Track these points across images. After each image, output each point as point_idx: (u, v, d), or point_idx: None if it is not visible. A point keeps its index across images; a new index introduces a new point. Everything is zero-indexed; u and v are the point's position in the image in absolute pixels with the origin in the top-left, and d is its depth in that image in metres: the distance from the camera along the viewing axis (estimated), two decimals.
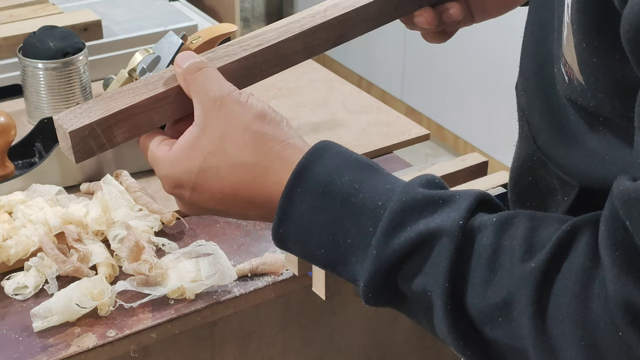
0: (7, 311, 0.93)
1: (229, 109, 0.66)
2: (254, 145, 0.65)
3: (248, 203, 0.66)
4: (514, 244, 0.59)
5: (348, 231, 0.62)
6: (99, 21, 1.55)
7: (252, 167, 0.65)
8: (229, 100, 0.66)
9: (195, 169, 0.66)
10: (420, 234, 0.60)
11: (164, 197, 1.11)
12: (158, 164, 0.69)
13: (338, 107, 1.36)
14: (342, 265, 0.64)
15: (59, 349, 0.88)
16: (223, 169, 0.66)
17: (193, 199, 0.68)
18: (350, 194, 0.63)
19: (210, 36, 1.15)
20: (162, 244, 1.02)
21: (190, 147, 0.67)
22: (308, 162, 0.64)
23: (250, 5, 4.10)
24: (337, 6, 0.77)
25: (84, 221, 1.01)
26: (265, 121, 0.66)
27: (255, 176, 0.65)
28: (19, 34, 1.45)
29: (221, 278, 0.96)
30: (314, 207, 0.63)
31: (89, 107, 0.69)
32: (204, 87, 0.67)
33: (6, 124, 1.08)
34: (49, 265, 0.96)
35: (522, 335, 0.57)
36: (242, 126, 0.66)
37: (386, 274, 0.61)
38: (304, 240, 0.64)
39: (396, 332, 1.17)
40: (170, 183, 0.68)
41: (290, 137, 0.66)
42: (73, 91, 1.26)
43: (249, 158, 0.65)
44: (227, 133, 0.66)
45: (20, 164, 1.15)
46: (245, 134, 0.65)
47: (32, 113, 1.27)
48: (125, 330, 0.91)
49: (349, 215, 0.62)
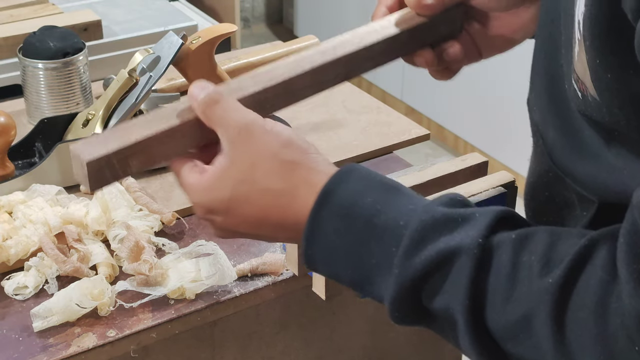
0: (7, 311, 0.93)
1: (256, 138, 0.68)
2: (281, 173, 0.67)
3: (278, 226, 0.69)
4: (532, 259, 0.60)
5: (372, 251, 0.64)
6: (99, 21, 1.55)
7: (280, 193, 0.67)
8: (255, 128, 0.68)
9: (226, 197, 0.68)
10: (440, 253, 0.61)
11: (164, 197, 1.11)
12: (189, 190, 0.71)
13: (338, 107, 1.36)
14: (369, 285, 0.65)
15: (59, 349, 0.88)
16: (253, 196, 0.68)
17: (225, 224, 0.70)
18: (373, 215, 0.64)
19: (210, 36, 1.15)
20: (162, 244, 1.02)
21: (219, 177, 0.68)
22: (333, 185, 0.66)
23: (250, 5, 4.10)
24: (345, 44, 0.79)
25: (84, 221, 1.01)
26: (292, 148, 0.68)
27: (283, 202, 0.67)
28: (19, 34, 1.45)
29: (221, 278, 0.96)
30: (339, 229, 0.65)
31: (105, 138, 0.70)
32: (226, 119, 0.68)
33: (6, 124, 1.08)
34: (49, 265, 0.96)
35: (543, 351, 0.58)
36: (270, 154, 0.67)
37: (409, 292, 0.63)
38: (330, 262, 0.66)
39: (396, 332, 1.17)
40: (202, 209, 0.70)
41: (316, 164, 0.68)
42: (73, 91, 1.26)
43: (277, 185, 0.67)
44: (255, 162, 0.67)
45: (20, 164, 1.15)
46: (273, 162, 0.67)
47: (32, 113, 1.27)
48: (125, 330, 0.91)
49: (372, 236, 0.64)
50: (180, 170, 0.72)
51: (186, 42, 1.14)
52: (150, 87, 1.13)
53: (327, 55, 0.78)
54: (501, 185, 1.04)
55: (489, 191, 1.03)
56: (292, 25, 3.92)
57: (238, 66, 1.45)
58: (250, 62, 1.46)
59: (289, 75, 0.75)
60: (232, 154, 0.68)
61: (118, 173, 0.70)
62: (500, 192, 1.03)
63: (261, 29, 4.14)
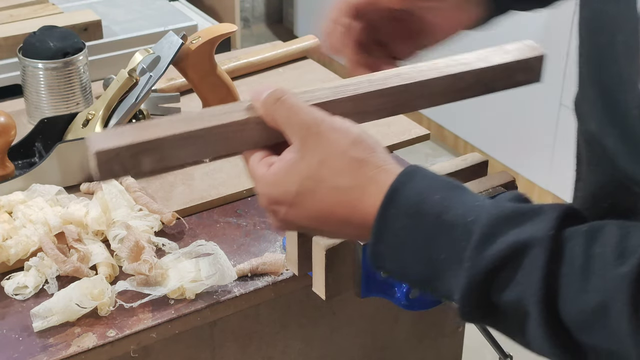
0: (7, 311, 0.93)
1: (326, 135, 0.69)
2: (350, 171, 0.68)
3: (343, 223, 0.69)
4: (606, 250, 0.60)
5: (441, 247, 0.65)
6: (99, 21, 1.55)
7: (348, 190, 0.68)
8: (325, 126, 0.69)
9: (292, 191, 0.69)
10: (512, 245, 0.62)
11: (164, 197, 1.11)
12: (256, 180, 0.72)
13: None
14: (438, 280, 0.66)
15: (59, 349, 0.88)
16: (320, 192, 0.69)
17: (288, 216, 0.71)
18: (441, 212, 0.65)
19: (210, 36, 1.15)
20: (162, 244, 1.02)
21: (287, 171, 0.70)
22: (400, 184, 0.67)
23: (250, 5, 4.10)
24: (398, 76, 0.77)
25: (84, 221, 1.01)
26: (361, 146, 0.69)
27: (351, 199, 0.68)
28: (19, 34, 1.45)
29: (221, 278, 0.96)
30: (408, 226, 0.66)
31: (122, 132, 0.70)
32: (295, 116, 0.70)
33: (6, 124, 1.08)
34: (49, 265, 0.96)
35: (621, 338, 0.59)
36: (340, 152, 0.68)
37: (480, 286, 0.63)
38: (398, 259, 0.67)
39: (396, 332, 1.17)
40: (267, 200, 0.71)
41: (384, 163, 0.69)
42: (73, 91, 1.26)
43: (346, 182, 0.68)
44: (325, 159, 0.69)
45: (20, 164, 1.15)
46: (342, 160, 0.68)
47: (32, 113, 1.27)
48: (125, 330, 0.91)
49: (441, 232, 0.65)
50: (249, 159, 0.73)
51: (186, 42, 1.14)
52: (150, 87, 1.13)
53: (374, 85, 0.77)
54: (501, 185, 1.04)
55: (489, 191, 1.03)
56: (292, 25, 3.92)
57: (238, 66, 1.45)
58: (250, 62, 1.46)
59: (328, 99, 0.75)
60: (302, 150, 0.69)
61: (127, 168, 0.70)
62: (500, 192, 1.03)
63: (261, 29, 4.14)
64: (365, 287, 0.89)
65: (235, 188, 1.14)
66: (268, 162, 0.72)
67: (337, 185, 0.68)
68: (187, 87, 1.36)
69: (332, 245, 0.87)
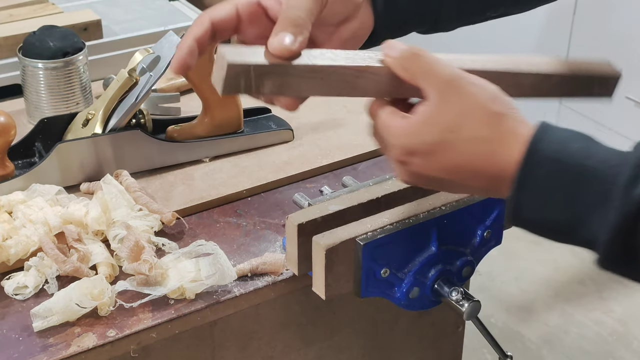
0: (7, 311, 0.93)
1: (465, 89, 0.71)
2: (490, 122, 0.70)
3: (477, 174, 0.71)
4: None
5: (587, 191, 0.66)
6: (99, 21, 1.55)
7: (488, 141, 0.70)
8: (462, 80, 0.72)
9: (430, 140, 0.71)
10: None
11: (163, 197, 1.11)
12: (390, 131, 0.74)
13: (338, 107, 1.36)
14: (582, 226, 0.67)
15: (59, 348, 0.88)
16: (459, 143, 0.71)
17: (421, 167, 0.73)
18: (584, 158, 0.67)
19: None
20: (162, 244, 1.02)
21: (425, 121, 0.71)
22: (540, 133, 0.69)
23: None
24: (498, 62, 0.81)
25: (84, 221, 1.01)
26: (500, 101, 0.72)
27: (490, 149, 0.70)
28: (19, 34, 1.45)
29: (221, 278, 0.96)
30: (551, 173, 0.68)
31: (255, 51, 0.74)
32: (433, 71, 0.72)
33: (6, 124, 1.08)
34: (49, 265, 0.96)
35: None
36: (478, 105, 0.71)
37: (630, 225, 0.64)
38: (541, 206, 0.68)
39: (396, 332, 1.17)
40: (401, 150, 0.73)
41: (521, 117, 0.72)
42: (73, 91, 1.26)
43: (484, 133, 0.70)
44: (465, 111, 0.71)
45: (20, 163, 1.15)
46: (482, 112, 0.71)
47: (32, 113, 1.27)
48: (125, 330, 0.91)
49: (586, 177, 0.67)
50: (378, 111, 0.75)
51: None
52: (150, 87, 1.13)
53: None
54: None
55: None
56: None
57: None
58: None
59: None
60: (440, 102, 0.71)
61: (251, 86, 0.73)
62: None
63: None
64: (365, 287, 0.89)
65: (235, 188, 1.14)
66: (400, 115, 0.73)
67: (476, 136, 0.70)
68: (187, 87, 1.36)
69: (332, 245, 0.87)
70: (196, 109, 1.24)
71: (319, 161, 1.21)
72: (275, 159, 1.21)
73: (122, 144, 1.14)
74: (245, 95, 0.75)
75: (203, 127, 1.20)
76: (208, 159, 1.20)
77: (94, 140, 1.13)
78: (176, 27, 1.59)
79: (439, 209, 0.92)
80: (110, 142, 1.13)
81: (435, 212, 0.91)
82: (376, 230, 0.88)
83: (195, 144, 1.19)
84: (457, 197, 0.93)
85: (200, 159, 1.20)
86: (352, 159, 1.23)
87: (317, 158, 1.21)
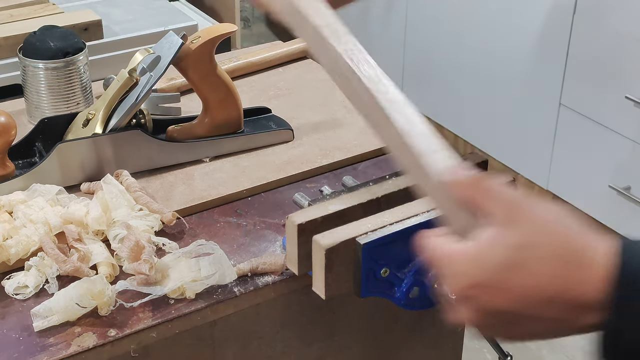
0: (8, 311, 0.94)
1: (532, 207, 0.65)
2: (564, 241, 0.63)
3: (552, 301, 0.63)
4: None
5: None
6: (99, 21, 1.56)
7: (564, 260, 0.62)
8: (529, 201, 0.66)
9: (498, 261, 0.63)
10: None
11: (164, 197, 1.11)
12: (453, 259, 0.66)
13: (338, 107, 1.36)
14: None
15: (59, 348, 0.88)
16: (531, 262, 0.63)
17: (490, 302, 0.64)
18: None
19: (210, 36, 1.15)
20: (162, 244, 1.02)
21: (492, 243, 0.64)
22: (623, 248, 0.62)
23: (250, 5, 4.10)
24: None
25: (84, 221, 1.01)
26: (569, 220, 0.65)
27: (567, 269, 0.62)
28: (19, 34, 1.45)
29: (221, 278, 0.96)
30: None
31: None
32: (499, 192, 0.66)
33: (6, 124, 1.08)
34: (49, 264, 0.96)
35: None
36: (551, 220, 0.64)
37: None
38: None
39: (396, 332, 1.17)
40: (467, 282, 0.65)
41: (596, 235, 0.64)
42: (73, 91, 1.26)
43: (560, 251, 0.63)
44: (534, 229, 0.64)
45: (21, 163, 1.15)
46: (554, 230, 0.64)
47: (33, 113, 1.27)
48: (125, 330, 0.91)
49: None
50: (433, 239, 0.67)
51: (186, 42, 1.14)
52: (151, 87, 1.13)
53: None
54: None
55: None
56: None
57: (238, 66, 1.45)
58: (250, 62, 1.47)
59: None
60: (507, 221, 0.64)
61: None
62: None
63: (261, 29, 4.14)
64: (365, 287, 0.89)
65: (235, 188, 1.14)
66: (455, 239, 0.66)
67: (551, 254, 0.62)
68: (187, 87, 1.36)
69: (332, 245, 0.87)
70: (196, 109, 1.24)
71: (319, 161, 1.21)
72: (275, 159, 1.21)
73: (122, 144, 1.14)
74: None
75: (203, 127, 1.20)
76: (208, 159, 1.21)
77: (94, 140, 1.13)
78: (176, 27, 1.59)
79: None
80: (110, 142, 1.13)
81: (435, 211, 0.91)
82: (376, 230, 0.88)
83: (195, 144, 1.19)
84: None
85: (201, 159, 1.20)
86: (352, 159, 1.23)
87: (317, 158, 1.21)
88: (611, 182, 2.40)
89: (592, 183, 2.49)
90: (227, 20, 3.03)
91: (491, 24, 2.69)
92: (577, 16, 2.37)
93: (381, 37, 3.27)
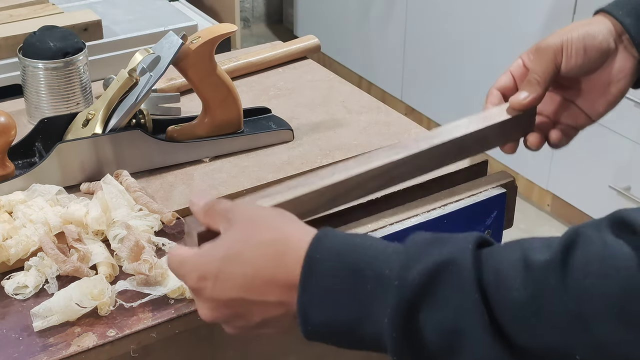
0: (7, 311, 0.94)
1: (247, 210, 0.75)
2: (275, 227, 0.72)
3: (269, 284, 0.71)
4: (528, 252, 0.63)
5: (366, 278, 0.67)
6: (99, 21, 1.56)
7: (272, 242, 0.71)
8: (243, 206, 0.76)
9: (219, 256, 0.72)
10: (437, 263, 0.65)
11: (163, 197, 1.11)
12: (182, 260, 0.75)
13: (338, 107, 1.36)
14: (367, 316, 0.67)
15: (59, 348, 0.88)
16: (246, 251, 0.71)
17: (215, 291, 0.73)
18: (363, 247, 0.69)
19: (210, 36, 1.15)
20: (162, 244, 1.02)
21: (214, 244, 0.73)
22: (322, 234, 0.71)
23: (250, 5, 4.10)
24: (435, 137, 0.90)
25: (84, 221, 1.01)
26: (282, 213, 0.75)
27: (276, 250, 0.71)
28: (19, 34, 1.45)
29: None
30: (333, 268, 0.68)
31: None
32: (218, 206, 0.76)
33: (6, 124, 1.08)
34: (49, 264, 0.96)
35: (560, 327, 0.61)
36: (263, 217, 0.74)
37: (410, 305, 0.65)
38: (326, 305, 0.69)
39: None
40: (196, 275, 0.74)
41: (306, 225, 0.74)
42: (73, 91, 1.26)
43: (270, 236, 0.72)
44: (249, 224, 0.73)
45: (20, 163, 1.15)
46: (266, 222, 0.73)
47: (32, 113, 1.27)
48: (125, 330, 0.91)
49: (366, 264, 0.67)
50: (172, 252, 0.77)
51: (186, 42, 1.14)
52: (150, 87, 1.13)
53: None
54: (501, 185, 1.04)
55: (489, 191, 1.03)
56: (292, 25, 3.93)
57: (238, 66, 1.45)
58: (250, 62, 1.47)
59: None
60: (228, 229, 0.74)
61: None
62: (500, 192, 1.03)
63: (261, 29, 4.15)
64: None
65: (235, 188, 1.14)
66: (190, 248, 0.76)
67: (262, 240, 0.71)
68: (187, 87, 1.36)
69: None
70: (196, 109, 1.24)
71: (319, 161, 1.21)
72: (275, 159, 1.21)
73: (122, 144, 1.14)
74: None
75: (203, 127, 1.20)
76: (208, 159, 1.21)
77: (94, 140, 1.13)
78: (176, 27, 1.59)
79: (439, 208, 0.92)
80: (110, 142, 1.13)
81: (435, 212, 0.92)
82: (376, 231, 0.88)
83: (195, 144, 1.19)
84: (457, 196, 0.93)
85: (201, 159, 1.20)
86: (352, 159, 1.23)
87: (317, 158, 1.21)
88: (611, 182, 2.41)
89: (592, 183, 2.49)
90: (227, 20, 3.03)
91: (491, 24, 2.69)
92: (577, 16, 2.37)
93: (381, 37, 3.27)
